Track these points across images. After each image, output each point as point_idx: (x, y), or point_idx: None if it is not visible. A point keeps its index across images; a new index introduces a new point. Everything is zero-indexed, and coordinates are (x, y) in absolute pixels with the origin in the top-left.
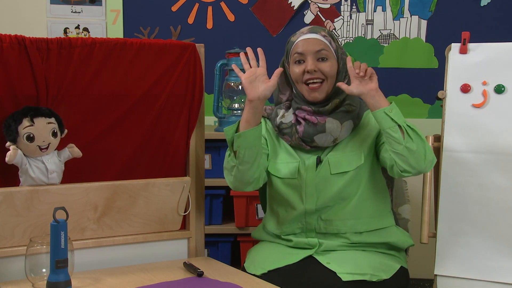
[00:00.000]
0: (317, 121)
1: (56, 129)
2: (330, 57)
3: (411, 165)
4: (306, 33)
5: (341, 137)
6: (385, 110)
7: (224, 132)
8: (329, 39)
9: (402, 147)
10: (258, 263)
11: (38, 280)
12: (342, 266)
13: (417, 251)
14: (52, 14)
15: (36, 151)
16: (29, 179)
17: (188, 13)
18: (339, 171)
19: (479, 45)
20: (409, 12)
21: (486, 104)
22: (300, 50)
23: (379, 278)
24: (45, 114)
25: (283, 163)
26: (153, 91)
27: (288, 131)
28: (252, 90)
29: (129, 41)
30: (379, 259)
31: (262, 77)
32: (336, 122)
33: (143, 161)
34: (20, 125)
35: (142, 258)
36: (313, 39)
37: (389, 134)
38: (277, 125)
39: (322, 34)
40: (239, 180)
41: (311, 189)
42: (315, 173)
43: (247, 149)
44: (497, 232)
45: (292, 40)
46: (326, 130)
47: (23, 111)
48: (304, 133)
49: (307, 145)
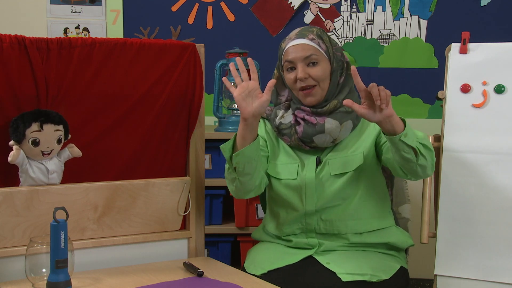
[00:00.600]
0: (317, 122)
1: (62, 136)
2: (320, 60)
3: (418, 175)
4: (294, 38)
5: (340, 138)
6: (400, 137)
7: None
8: (318, 41)
9: (414, 164)
10: (258, 263)
11: (38, 280)
12: (342, 267)
13: (417, 251)
14: (52, 14)
15: (39, 155)
16: (29, 179)
17: (188, 13)
18: (339, 172)
19: (479, 45)
20: (409, 12)
21: (486, 104)
22: (289, 58)
23: (379, 278)
24: (55, 121)
25: (282, 164)
26: (153, 91)
27: (287, 132)
28: (246, 107)
29: (129, 41)
30: (379, 259)
31: (254, 92)
32: (336, 122)
33: (143, 161)
34: (28, 129)
35: (142, 258)
36: (300, 45)
37: (402, 155)
38: (276, 126)
39: (310, 37)
40: (241, 190)
41: (310, 190)
42: (315, 174)
43: (246, 163)
44: (497, 232)
45: (282, 47)
46: (325, 131)
47: (33, 115)
48: (303, 134)
49: (306, 146)
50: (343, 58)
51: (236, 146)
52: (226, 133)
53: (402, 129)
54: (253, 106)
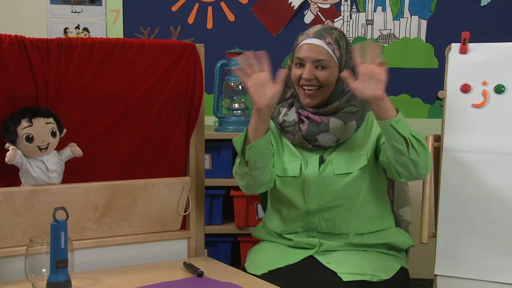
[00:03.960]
0: (321, 120)
1: (55, 129)
2: (330, 66)
3: (411, 173)
4: (311, 36)
5: (344, 137)
6: (391, 122)
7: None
8: (333, 46)
9: (406, 158)
10: (258, 263)
11: (38, 280)
12: (343, 266)
13: (417, 251)
14: (52, 14)
15: (36, 151)
16: (30, 179)
17: (188, 13)
18: (343, 172)
19: (479, 45)
20: (409, 12)
21: (486, 104)
22: (301, 55)
23: (379, 278)
24: (44, 114)
25: (285, 162)
26: (153, 91)
27: (291, 130)
28: (260, 97)
29: (129, 41)
30: (379, 259)
31: (267, 82)
32: (340, 122)
33: (143, 161)
34: (19, 126)
35: (142, 258)
36: (315, 46)
37: (394, 145)
38: (279, 123)
39: (327, 41)
40: (252, 184)
41: (313, 189)
42: (318, 172)
43: (258, 156)
44: (497, 232)
45: (298, 41)
46: (329, 130)
47: (20, 112)
48: (307, 132)
49: (309, 144)
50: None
51: (248, 139)
52: (226, 133)
53: (394, 116)
54: (266, 96)
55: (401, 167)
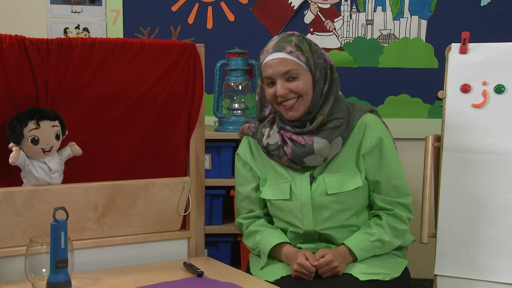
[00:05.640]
0: (305, 142)
1: (59, 132)
2: (300, 74)
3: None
4: (271, 52)
5: (331, 155)
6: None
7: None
8: (296, 53)
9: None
10: (268, 269)
11: (38, 280)
12: (356, 267)
13: (417, 251)
14: (52, 14)
15: (40, 153)
16: (32, 180)
17: (188, 13)
18: (336, 192)
19: (479, 45)
20: (409, 12)
21: (486, 104)
22: (268, 74)
23: (391, 276)
24: (50, 117)
25: (273, 185)
26: (153, 91)
27: (276, 153)
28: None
29: (129, 41)
30: (387, 258)
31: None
32: (324, 141)
33: (143, 161)
34: (25, 128)
35: (142, 258)
36: (278, 60)
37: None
38: (264, 147)
39: (288, 50)
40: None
41: (307, 210)
42: (310, 194)
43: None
44: (497, 232)
45: (261, 60)
46: (315, 152)
47: (28, 113)
48: (292, 155)
49: (297, 166)
50: (326, 63)
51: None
52: (226, 133)
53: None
54: None
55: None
